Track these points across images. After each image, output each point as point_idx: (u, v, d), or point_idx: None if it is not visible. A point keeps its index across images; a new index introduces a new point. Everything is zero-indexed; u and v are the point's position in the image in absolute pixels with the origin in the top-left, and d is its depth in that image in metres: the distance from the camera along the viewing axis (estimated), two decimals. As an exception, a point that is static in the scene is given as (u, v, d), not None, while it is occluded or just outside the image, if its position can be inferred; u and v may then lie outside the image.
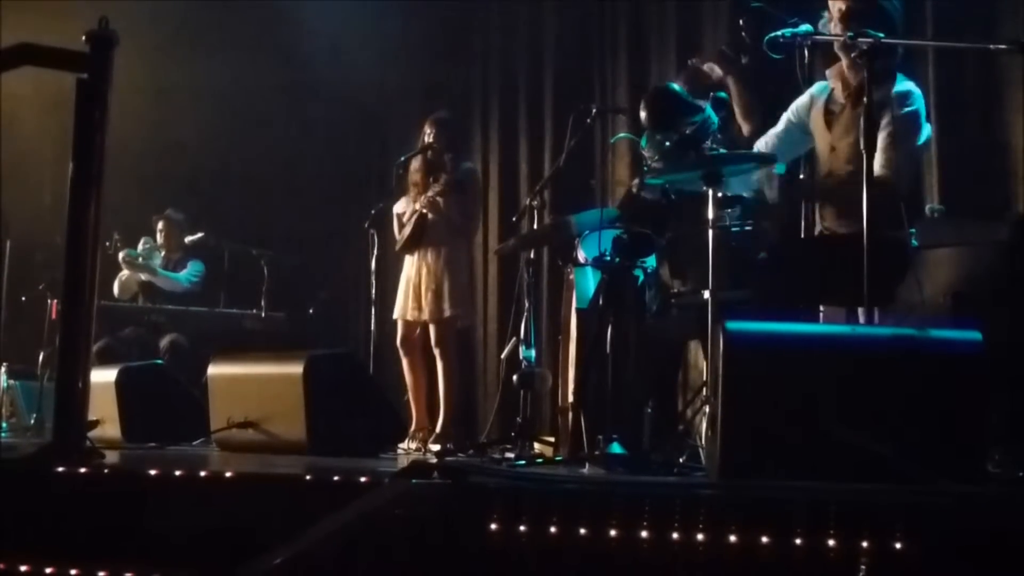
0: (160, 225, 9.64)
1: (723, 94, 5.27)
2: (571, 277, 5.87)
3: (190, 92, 10.45)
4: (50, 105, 8.90)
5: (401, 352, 7.77)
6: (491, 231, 9.18)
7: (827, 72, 5.25)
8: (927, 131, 5.08)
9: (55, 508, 3.66)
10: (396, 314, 7.78)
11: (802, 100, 5.35)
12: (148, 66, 9.26)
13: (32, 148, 10.25)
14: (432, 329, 7.66)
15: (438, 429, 7.55)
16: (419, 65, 10.13)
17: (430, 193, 7.64)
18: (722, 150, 5.21)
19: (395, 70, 10.23)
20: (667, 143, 5.21)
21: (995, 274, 5.25)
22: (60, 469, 3.74)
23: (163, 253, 9.59)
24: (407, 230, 7.71)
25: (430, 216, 7.63)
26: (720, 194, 4.89)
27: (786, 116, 5.41)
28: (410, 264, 7.78)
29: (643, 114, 5.35)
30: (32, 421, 8.07)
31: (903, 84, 4.97)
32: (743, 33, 5.12)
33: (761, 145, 5.42)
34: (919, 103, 5.01)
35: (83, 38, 3.94)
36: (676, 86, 5.34)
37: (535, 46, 9.54)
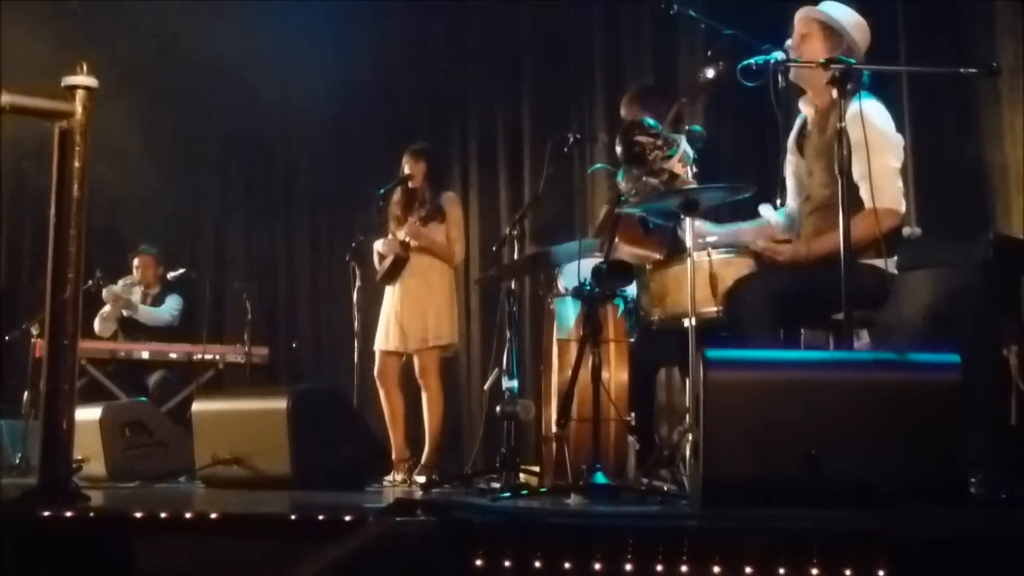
0: (136, 261, 9.65)
1: (698, 127, 5.30)
2: (552, 307, 5.89)
3: (168, 125, 10.48)
4: (29, 149, 8.94)
5: (378, 383, 7.77)
6: (472, 259, 9.18)
7: (800, 100, 5.29)
8: (897, 140, 5.08)
9: (41, 552, 3.66)
10: (376, 346, 7.78)
11: (791, 135, 5.39)
12: (125, 97, 9.27)
13: (11, 191, 10.27)
14: (416, 359, 7.66)
15: (423, 459, 7.54)
16: (398, 96, 10.16)
17: (412, 220, 7.65)
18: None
19: (374, 101, 10.26)
20: (643, 176, 5.24)
21: (972, 295, 5.28)
22: (46, 513, 3.74)
23: (141, 289, 9.60)
24: (387, 261, 7.73)
25: (412, 244, 7.65)
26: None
27: (788, 154, 5.43)
28: (391, 295, 7.78)
29: (618, 148, 5.37)
30: (17, 460, 8.04)
31: (863, 103, 4.96)
32: (712, 64, 5.10)
33: (791, 193, 5.42)
34: (881, 117, 5.02)
35: (62, 84, 3.95)
36: (650, 120, 5.36)
37: (513, 74, 9.58)
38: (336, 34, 9.68)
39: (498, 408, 5.89)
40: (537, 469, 6.05)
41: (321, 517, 3.55)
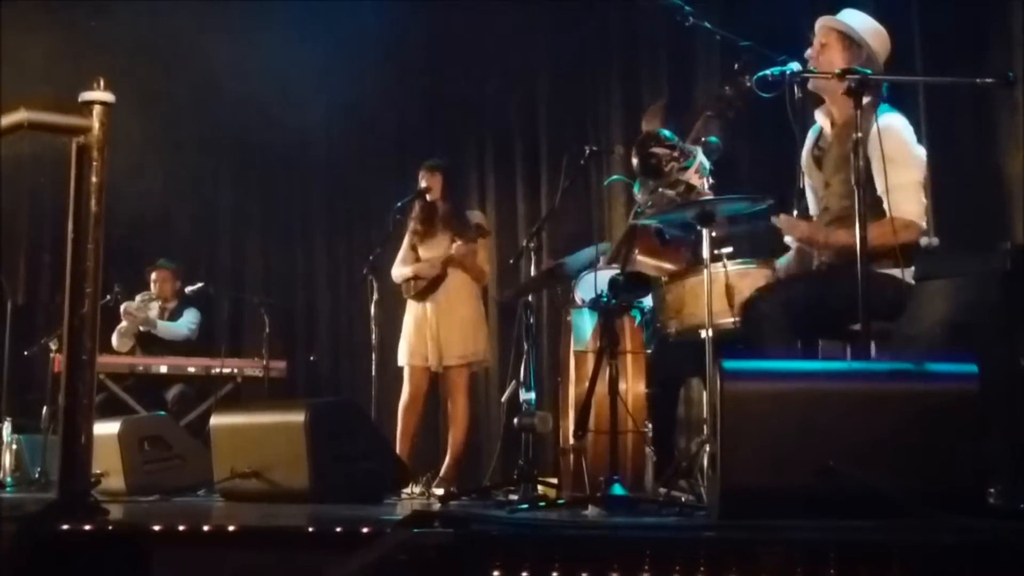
0: (154, 275, 9.69)
1: (714, 139, 5.29)
2: (569, 319, 5.89)
3: (185, 140, 10.52)
4: (47, 163, 9.00)
5: (409, 398, 7.77)
6: (490, 272, 9.18)
7: (816, 111, 5.29)
8: (921, 154, 5.09)
9: (59, 566, 3.67)
10: (405, 361, 7.79)
11: (804, 148, 5.39)
12: (141, 112, 9.30)
13: (30, 206, 10.34)
14: (448, 375, 7.70)
15: (442, 473, 7.56)
16: (414, 109, 10.19)
17: (458, 243, 7.64)
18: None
19: (391, 115, 10.29)
20: (659, 188, 5.24)
21: (990, 305, 5.26)
22: (65, 527, 3.75)
23: (159, 303, 9.62)
24: (422, 281, 7.75)
25: (458, 264, 7.68)
26: (714, 233, 4.93)
27: (803, 176, 5.44)
28: (420, 311, 7.79)
29: (634, 160, 5.37)
30: (36, 475, 8.07)
31: (887, 117, 4.98)
32: (740, 77, 5.04)
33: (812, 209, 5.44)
34: (906, 132, 5.03)
35: (79, 99, 3.96)
36: (666, 132, 5.36)
37: (529, 87, 9.58)
38: (353, 49, 9.69)
39: (516, 420, 5.90)
40: (555, 481, 6.04)
41: (339, 530, 3.55)
